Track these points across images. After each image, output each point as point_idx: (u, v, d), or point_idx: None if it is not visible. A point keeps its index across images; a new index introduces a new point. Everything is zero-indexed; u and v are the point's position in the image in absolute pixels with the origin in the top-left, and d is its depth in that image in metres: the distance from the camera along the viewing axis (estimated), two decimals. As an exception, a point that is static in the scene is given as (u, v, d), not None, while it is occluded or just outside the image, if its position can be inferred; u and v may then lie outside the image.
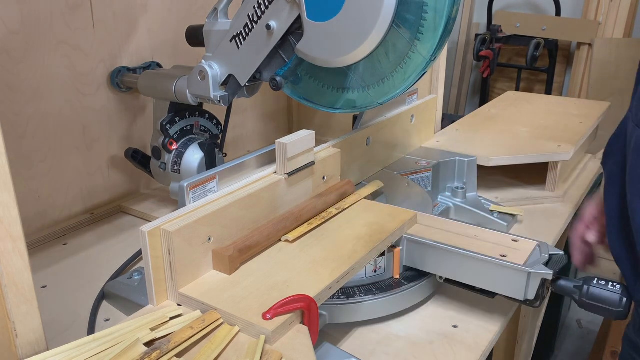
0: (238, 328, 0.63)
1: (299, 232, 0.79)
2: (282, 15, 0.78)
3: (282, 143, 0.79)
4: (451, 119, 1.65)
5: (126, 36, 1.12)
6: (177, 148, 1.01)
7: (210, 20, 0.88)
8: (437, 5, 0.72)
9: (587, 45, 2.83)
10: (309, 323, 0.65)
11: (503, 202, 1.15)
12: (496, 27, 2.94)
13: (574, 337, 2.22)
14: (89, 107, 1.09)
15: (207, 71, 0.87)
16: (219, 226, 0.72)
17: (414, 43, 0.75)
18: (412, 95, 1.22)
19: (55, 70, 1.02)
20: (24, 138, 0.99)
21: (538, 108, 1.53)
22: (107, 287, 0.85)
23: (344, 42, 0.75)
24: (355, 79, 0.84)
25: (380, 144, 1.09)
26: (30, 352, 0.60)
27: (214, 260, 0.72)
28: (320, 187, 0.89)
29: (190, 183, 0.73)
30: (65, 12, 1.01)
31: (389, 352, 0.75)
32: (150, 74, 1.06)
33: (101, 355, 0.58)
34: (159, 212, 1.09)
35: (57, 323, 0.79)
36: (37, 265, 0.92)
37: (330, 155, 0.90)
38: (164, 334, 0.62)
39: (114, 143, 1.15)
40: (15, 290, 0.58)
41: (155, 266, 0.67)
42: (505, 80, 3.25)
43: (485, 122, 1.42)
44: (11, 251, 0.57)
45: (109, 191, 1.16)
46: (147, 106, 1.18)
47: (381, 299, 0.78)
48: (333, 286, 0.70)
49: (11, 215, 0.56)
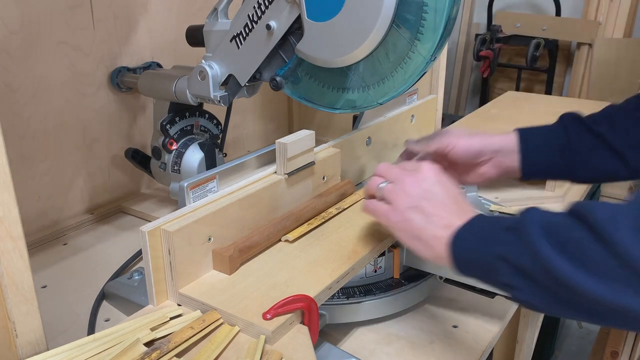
0: (238, 328, 0.63)
1: (299, 232, 0.79)
2: (282, 15, 0.78)
3: (282, 143, 0.79)
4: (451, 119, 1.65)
5: (126, 36, 1.13)
6: (177, 148, 1.01)
7: (210, 20, 0.88)
8: (437, 5, 0.72)
9: (587, 45, 2.83)
10: (309, 323, 0.65)
11: (503, 202, 1.15)
12: (496, 27, 2.94)
13: (574, 337, 2.22)
14: (89, 107, 1.09)
15: (207, 71, 0.87)
16: (219, 226, 0.72)
17: (414, 43, 0.75)
18: (412, 95, 1.22)
19: (55, 70, 1.02)
20: (24, 138, 0.99)
21: (538, 108, 1.53)
22: (107, 287, 0.85)
23: (344, 42, 0.75)
24: (355, 79, 0.84)
25: (380, 144, 1.09)
26: (30, 352, 0.60)
27: (214, 260, 0.72)
28: (320, 187, 0.89)
29: (190, 183, 0.73)
30: (65, 12, 1.01)
31: (389, 352, 0.75)
32: (150, 74, 1.06)
33: (101, 355, 0.58)
34: (159, 212, 1.09)
35: (57, 323, 0.79)
36: (37, 265, 0.92)
37: (330, 155, 0.90)
38: (164, 334, 0.62)
39: (114, 143, 1.15)
40: (15, 290, 0.58)
41: (155, 266, 0.67)
42: (505, 80, 3.25)
43: (485, 122, 1.42)
44: (11, 251, 0.57)
45: (109, 191, 1.16)
46: (147, 106, 1.18)
47: (381, 299, 0.78)
48: (333, 286, 0.70)
49: (11, 215, 0.56)
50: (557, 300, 0.52)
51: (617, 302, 0.47)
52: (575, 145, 0.83)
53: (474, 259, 0.59)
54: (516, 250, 0.54)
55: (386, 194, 0.68)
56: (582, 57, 2.85)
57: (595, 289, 0.47)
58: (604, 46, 2.70)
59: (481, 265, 0.58)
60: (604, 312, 0.49)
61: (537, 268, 0.51)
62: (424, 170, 0.67)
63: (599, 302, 0.48)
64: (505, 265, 0.55)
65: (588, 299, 0.48)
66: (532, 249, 0.52)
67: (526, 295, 0.54)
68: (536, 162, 0.84)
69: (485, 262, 0.57)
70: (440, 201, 0.64)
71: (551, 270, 0.50)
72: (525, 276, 0.53)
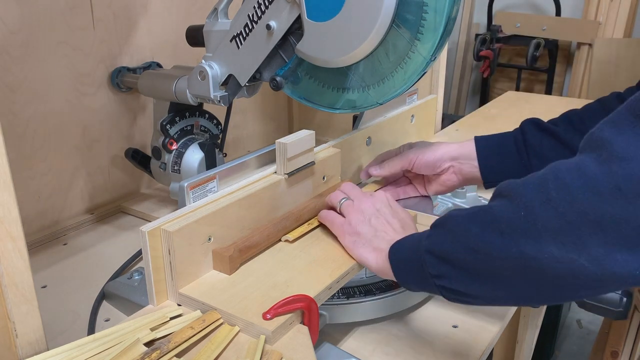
0: (238, 328, 0.63)
1: (299, 232, 0.80)
2: (282, 15, 0.78)
3: (282, 143, 0.79)
4: (451, 119, 1.65)
5: (126, 36, 1.13)
6: (177, 148, 1.01)
7: (210, 20, 0.88)
8: (437, 5, 0.72)
9: (587, 45, 2.83)
10: (309, 323, 0.65)
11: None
12: (496, 27, 2.94)
13: (574, 337, 2.22)
14: (89, 107, 1.09)
15: (207, 71, 0.87)
16: (219, 226, 0.72)
17: (414, 43, 0.76)
18: (412, 95, 1.22)
19: (55, 70, 1.02)
20: (24, 138, 0.99)
21: (538, 108, 1.53)
22: (107, 287, 0.85)
23: (344, 42, 0.75)
24: (355, 79, 0.84)
25: (380, 144, 1.09)
26: (30, 352, 0.60)
27: (214, 260, 0.72)
28: (320, 187, 0.89)
29: (190, 183, 0.73)
30: (65, 12, 1.01)
31: (389, 352, 0.75)
32: (150, 74, 1.06)
33: (101, 355, 0.58)
34: (159, 212, 1.09)
35: (57, 323, 0.79)
36: (37, 265, 0.92)
37: (330, 155, 0.90)
38: (164, 334, 0.62)
39: (114, 143, 1.15)
40: (15, 290, 0.58)
41: (155, 266, 0.67)
42: (505, 80, 3.25)
43: (485, 122, 1.42)
44: (11, 251, 0.57)
45: (109, 191, 1.16)
46: (147, 106, 1.18)
47: (381, 299, 0.78)
48: (333, 286, 0.70)
49: (11, 215, 0.56)
50: (477, 277, 0.57)
51: (520, 252, 0.51)
52: (533, 147, 0.87)
53: (406, 259, 0.65)
54: (440, 240, 0.60)
55: (344, 208, 0.78)
56: (582, 57, 2.85)
57: (502, 244, 0.52)
58: (604, 46, 2.70)
59: (413, 264, 0.63)
60: (512, 274, 0.53)
61: (459, 249, 0.57)
62: (379, 194, 0.78)
63: (509, 259, 0.52)
64: (431, 256, 0.61)
65: (501, 259, 0.53)
66: (454, 232, 0.58)
67: (451, 281, 0.59)
68: (494, 165, 0.89)
69: (416, 260, 0.63)
70: (388, 221, 0.74)
71: (469, 244, 0.56)
72: (448, 262, 0.59)
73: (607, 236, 0.45)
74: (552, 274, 0.50)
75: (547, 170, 0.51)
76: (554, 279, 0.50)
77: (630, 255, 0.45)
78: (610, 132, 0.47)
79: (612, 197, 0.45)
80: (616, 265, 0.45)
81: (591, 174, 0.46)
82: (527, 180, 0.52)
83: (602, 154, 0.46)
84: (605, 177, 0.45)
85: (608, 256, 0.46)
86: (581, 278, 0.48)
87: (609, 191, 0.45)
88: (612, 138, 0.46)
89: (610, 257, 0.46)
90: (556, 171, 0.50)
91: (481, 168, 0.90)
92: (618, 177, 0.45)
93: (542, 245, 0.49)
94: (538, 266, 0.50)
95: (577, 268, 0.48)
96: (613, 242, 0.45)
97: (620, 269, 0.45)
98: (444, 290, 0.61)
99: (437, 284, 0.61)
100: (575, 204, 0.47)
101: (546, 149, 0.87)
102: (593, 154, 0.47)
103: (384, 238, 0.71)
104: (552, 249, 0.49)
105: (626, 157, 0.44)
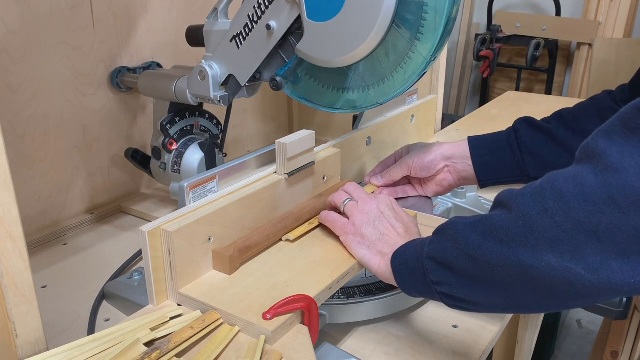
0: (238, 328, 0.63)
1: (300, 232, 0.79)
2: (282, 15, 0.78)
3: (282, 143, 0.79)
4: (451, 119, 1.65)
5: (126, 36, 1.13)
6: (177, 148, 1.01)
7: (210, 20, 0.88)
8: (437, 5, 0.72)
9: (587, 45, 2.83)
10: (309, 323, 0.65)
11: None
12: (496, 27, 2.94)
13: (574, 337, 2.22)
14: (89, 107, 1.09)
15: (207, 71, 0.87)
16: (219, 226, 0.72)
17: (414, 43, 0.76)
18: (412, 95, 1.22)
19: (55, 70, 1.02)
20: (24, 138, 0.99)
21: (538, 108, 1.53)
22: (107, 287, 0.85)
23: (344, 42, 0.75)
24: (355, 79, 0.84)
25: (380, 144, 1.09)
26: (30, 352, 0.60)
27: (214, 260, 0.72)
28: (320, 187, 0.89)
29: (190, 183, 0.73)
30: (65, 12, 1.01)
31: (389, 352, 0.75)
32: (150, 74, 1.06)
33: (101, 355, 0.58)
34: (159, 212, 1.09)
35: (57, 323, 0.79)
36: (37, 265, 0.92)
37: (330, 155, 0.90)
38: (164, 334, 0.62)
39: (114, 143, 1.15)
40: (15, 290, 0.58)
41: (155, 266, 0.67)
42: (505, 80, 3.25)
43: (485, 122, 1.42)
44: (11, 251, 0.57)
45: (109, 191, 1.16)
46: (147, 106, 1.18)
47: (381, 299, 0.78)
48: (333, 286, 0.70)
49: (11, 215, 0.56)
50: (477, 284, 0.57)
51: (518, 260, 0.52)
52: (526, 145, 0.89)
53: (408, 265, 0.65)
54: (442, 247, 0.61)
55: (348, 209, 0.77)
56: (582, 57, 2.85)
57: (501, 252, 0.53)
58: (604, 46, 2.70)
59: (414, 270, 0.63)
60: (511, 282, 0.54)
61: (460, 256, 0.58)
62: (383, 197, 0.78)
63: (507, 267, 0.53)
64: (432, 263, 0.61)
65: (500, 267, 0.54)
66: (455, 239, 0.58)
67: (451, 288, 0.60)
68: (488, 163, 0.90)
69: (417, 266, 0.63)
70: (392, 225, 0.74)
71: (470, 252, 0.56)
72: (449, 269, 0.59)
73: (602, 245, 0.46)
74: (550, 282, 0.51)
75: (545, 180, 0.52)
76: (552, 287, 0.51)
77: (625, 263, 0.45)
78: (605, 143, 0.47)
79: (606, 207, 0.45)
80: (612, 273, 0.46)
81: (587, 185, 0.47)
82: (525, 189, 0.53)
83: (598, 165, 0.47)
84: (600, 187, 0.46)
85: (604, 264, 0.46)
86: (578, 286, 0.49)
87: (603, 201, 0.45)
88: (607, 149, 0.47)
89: (606, 266, 0.46)
90: (553, 181, 0.50)
91: (475, 166, 0.91)
92: (611, 188, 0.45)
93: (540, 254, 0.50)
94: (536, 274, 0.51)
95: (574, 276, 0.48)
96: (608, 251, 0.46)
97: (616, 277, 0.46)
98: (445, 296, 0.61)
99: (437, 290, 0.61)
100: (571, 213, 0.47)
101: (539, 147, 0.88)
102: (590, 165, 0.48)
103: (388, 242, 0.71)
104: (549, 257, 0.49)
105: (620, 168, 0.45)
